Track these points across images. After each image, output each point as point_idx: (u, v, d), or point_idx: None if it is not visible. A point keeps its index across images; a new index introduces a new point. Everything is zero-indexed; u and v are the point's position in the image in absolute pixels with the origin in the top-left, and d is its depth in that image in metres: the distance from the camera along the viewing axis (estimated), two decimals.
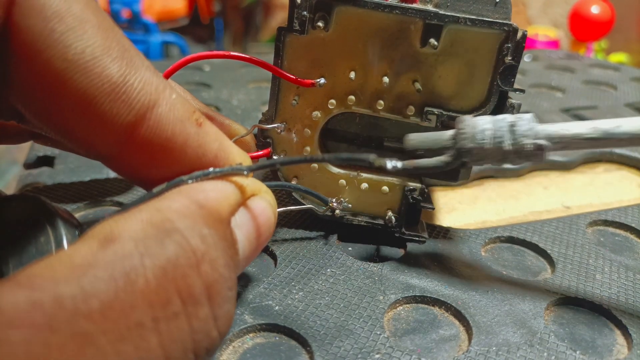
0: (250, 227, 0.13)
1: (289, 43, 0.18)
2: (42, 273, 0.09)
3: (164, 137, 0.13)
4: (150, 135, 0.13)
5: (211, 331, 0.11)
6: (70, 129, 0.13)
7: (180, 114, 0.13)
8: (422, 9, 0.17)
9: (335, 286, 0.18)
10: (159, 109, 0.13)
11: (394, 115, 0.19)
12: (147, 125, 0.13)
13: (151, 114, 0.13)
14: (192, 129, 0.13)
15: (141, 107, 0.13)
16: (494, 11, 0.17)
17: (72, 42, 0.12)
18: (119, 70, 0.12)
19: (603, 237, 0.23)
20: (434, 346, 0.16)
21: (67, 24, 0.12)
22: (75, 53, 0.12)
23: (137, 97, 0.13)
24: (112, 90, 0.12)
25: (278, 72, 0.18)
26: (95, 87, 0.12)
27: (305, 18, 0.17)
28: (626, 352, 0.16)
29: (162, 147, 0.13)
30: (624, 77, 0.46)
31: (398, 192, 0.20)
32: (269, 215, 0.14)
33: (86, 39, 0.12)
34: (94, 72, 0.12)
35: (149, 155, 0.13)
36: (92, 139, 0.13)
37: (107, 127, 0.12)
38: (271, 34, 1.74)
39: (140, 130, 0.13)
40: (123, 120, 0.12)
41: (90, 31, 0.12)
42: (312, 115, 0.19)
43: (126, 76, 0.12)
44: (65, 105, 0.12)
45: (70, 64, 0.12)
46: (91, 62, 0.12)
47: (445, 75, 0.18)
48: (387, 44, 0.18)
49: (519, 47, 0.17)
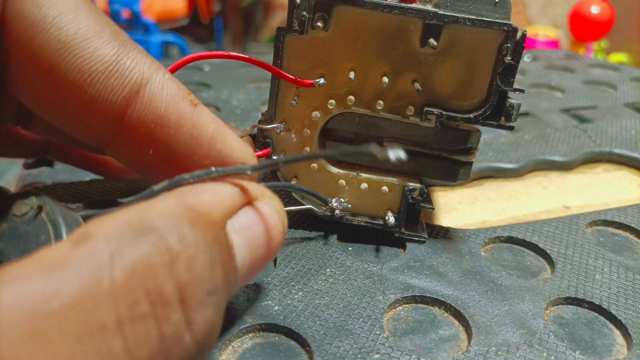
0: (252, 233, 0.12)
1: (288, 43, 0.18)
2: (10, 271, 0.09)
3: (157, 114, 0.13)
4: (143, 112, 0.13)
5: (183, 336, 0.10)
6: (67, 112, 0.13)
7: (173, 92, 0.13)
8: (421, 9, 0.17)
9: (334, 286, 0.18)
10: (151, 86, 0.13)
11: (394, 115, 0.19)
12: (140, 102, 0.13)
13: (144, 91, 0.13)
14: (186, 107, 0.13)
15: (134, 84, 0.13)
16: (493, 11, 0.17)
17: (64, 24, 0.12)
18: (111, 50, 0.13)
19: (603, 237, 0.23)
20: (434, 346, 0.16)
21: (59, 9, 0.12)
22: (68, 35, 0.12)
23: (129, 75, 0.13)
24: (105, 69, 0.12)
25: (277, 72, 0.18)
26: (89, 67, 0.12)
27: (304, 18, 0.17)
28: (626, 352, 0.16)
29: (156, 124, 0.13)
30: (624, 77, 0.46)
31: (398, 192, 0.20)
32: (274, 221, 0.13)
33: (78, 22, 0.12)
34: (87, 52, 0.12)
35: (145, 135, 0.13)
36: (88, 120, 0.13)
37: (102, 106, 0.13)
38: (271, 34, 1.74)
39: (134, 107, 0.13)
40: (117, 98, 0.13)
41: (82, 15, 0.12)
42: (311, 116, 0.19)
43: (119, 55, 0.13)
44: (62, 86, 0.13)
45: (64, 44, 0.12)
46: (84, 43, 0.12)
47: (445, 75, 0.18)
48: (386, 44, 0.18)
49: (519, 47, 0.17)
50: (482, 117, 0.18)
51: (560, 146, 0.30)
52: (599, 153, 0.30)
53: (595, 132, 0.33)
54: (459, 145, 0.20)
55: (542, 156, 0.29)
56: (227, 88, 0.38)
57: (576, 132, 0.32)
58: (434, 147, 0.20)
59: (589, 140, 0.31)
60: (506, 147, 0.30)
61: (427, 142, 0.20)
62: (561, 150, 0.30)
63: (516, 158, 0.28)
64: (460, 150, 0.20)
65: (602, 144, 0.31)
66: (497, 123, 0.18)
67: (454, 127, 0.19)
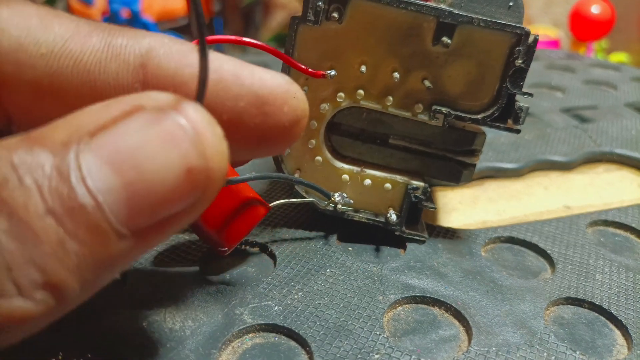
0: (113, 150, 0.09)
1: (301, 33, 0.18)
2: None
3: (172, 75, 0.12)
4: (158, 80, 0.12)
5: None
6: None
7: (177, 48, 0.13)
8: (436, 7, 0.17)
9: (334, 286, 0.18)
10: (154, 51, 0.12)
11: (402, 112, 0.19)
12: (150, 73, 0.12)
13: (149, 60, 0.12)
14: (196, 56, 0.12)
15: (135, 57, 0.12)
16: (506, 14, 0.17)
17: (39, 37, 0.12)
18: (97, 39, 0.12)
19: (603, 237, 0.23)
20: (434, 346, 0.16)
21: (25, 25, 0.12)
22: (47, 44, 0.12)
23: (126, 51, 0.12)
24: (100, 58, 0.12)
25: (289, 62, 0.18)
26: (83, 63, 0.12)
27: (320, 9, 0.17)
28: (626, 352, 0.16)
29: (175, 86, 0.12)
30: (625, 76, 0.46)
31: (401, 190, 0.20)
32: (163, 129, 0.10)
33: (50, 30, 0.12)
34: (74, 51, 0.12)
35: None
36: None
37: (116, 95, 0.12)
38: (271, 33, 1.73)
39: (147, 82, 0.12)
40: (126, 79, 0.12)
41: (52, 22, 0.12)
42: (319, 108, 0.19)
43: (107, 39, 0.12)
44: (71, 96, 0.12)
45: (48, 55, 0.12)
46: (65, 45, 0.12)
47: (455, 74, 0.18)
48: (399, 40, 0.18)
49: (530, 51, 0.17)
50: (490, 119, 0.18)
51: (560, 146, 0.30)
52: (600, 153, 0.30)
53: (596, 132, 0.33)
54: (464, 146, 0.20)
55: (543, 156, 0.29)
56: None
57: (577, 132, 0.32)
58: (439, 147, 0.20)
59: (589, 140, 0.31)
60: (507, 147, 0.30)
61: (432, 141, 0.20)
62: (562, 150, 0.30)
63: (517, 158, 0.28)
64: (465, 152, 0.20)
65: (602, 144, 0.31)
66: (504, 125, 0.18)
67: (460, 128, 0.19)
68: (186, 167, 0.10)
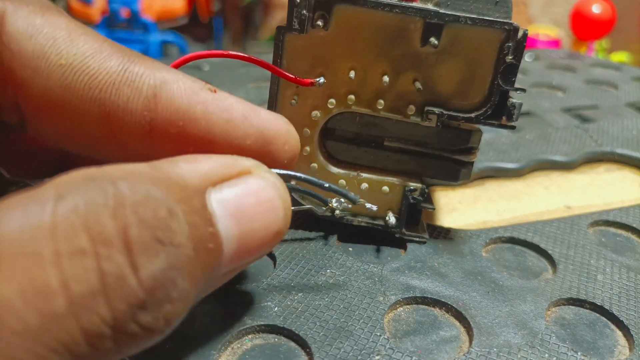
0: (239, 205, 0.12)
1: (288, 42, 0.18)
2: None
3: (182, 110, 0.13)
4: (168, 113, 0.13)
5: (127, 278, 0.09)
6: (92, 136, 0.13)
7: (189, 85, 0.13)
8: (422, 8, 0.17)
9: (335, 287, 0.18)
10: (167, 85, 0.13)
11: (395, 115, 0.19)
12: (161, 105, 0.13)
13: (161, 92, 0.13)
14: (207, 96, 0.13)
15: (148, 88, 0.13)
16: (494, 10, 0.17)
17: (62, 48, 0.12)
18: (116, 61, 0.13)
19: (604, 238, 0.22)
20: (435, 347, 0.16)
21: (52, 35, 0.12)
22: (68, 57, 0.12)
23: (141, 80, 0.13)
24: (115, 80, 0.12)
25: (277, 72, 0.18)
26: (97, 81, 0.12)
27: (304, 17, 0.17)
28: (627, 353, 0.16)
29: (184, 121, 0.13)
30: (626, 76, 0.46)
31: (398, 192, 0.20)
32: (268, 196, 0.12)
33: (75, 44, 0.12)
34: (92, 68, 0.12)
35: (177, 136, 0.13)
36: (116, 140, 0.13)
37: (125, 120, 0.13)
38: (271, 32, 1.73)
39: (157, 112, 0.13)
40: (136, 106, 0.13)
41: (78, 38, 0.13)
42: (311, 115, 0.19)
43: (125, 65, 0.13)
44: (80, 111, 0.13)
45: (66, 67, 0.12)
46: (85, 60, 0.12)
47: (446, 74, 0.18)
48: (387, 43, 0.18)
49: (520, 47, 0.17)
50: (484, 117, 0.18)
51: (561, 146, 0.30)
52: (601, 153, 0.30)
53: (597, 131, 0.32)
54: (460, 145, 0.20)
55: (544, 156, 0.29)
56: (227, 87, 0.38)
57: (577, 132, 0.32)
58: (435, 147, 0.20)
59: (590, 140, 0.31)
60: (507, 147, 0.30)
61: (427, 141, 0.20)
62: (563, 150, 0.30)
63: (517, 158, 0.28)
64: (462, 150, 0.20)
65: (603, 144, 0.31)
66: (499, 122, 0.18)
67: (455, 127, 0.19)
68: (277, 229, 0.13)
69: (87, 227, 0.09)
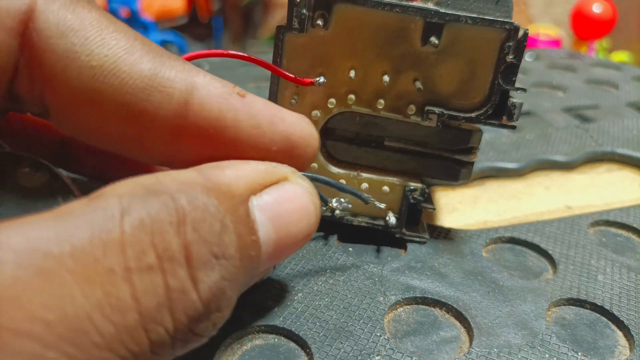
0: (277, 212, 0.12)
1: (288, 42, 0.18)
2: (23, 219, 0.09)
3: (214, 117, 0.13)
4: (198, 120, 0.13)
5: (189, 293, 0.10)
6: (119, 138, 0.13)
7: (220, 90, 0.13)
8: (422, 7, 0.17)
9: (335, 287, 0.18)
10: (198, 91, 0.13)
11: (395, 115, 0.19)
12: (192, 111, 0.13)
13: (192, 98, 0.13)
14: (237, 102, 0.13)
15: (180, 94, 0.13)
16: (495, 9, 0.17)
17: (93, 48, 0.12)
18: (147, 64, 0.12)
19: (605, 238, 0.22)
20: (435, 348, 0.16)
21: (84, 34, 0.12)
22: (99, 58, 0.12)
23: (172, 85, 0.12)
24: (146, 85, 0.12)
25: (277, 71, 0.18)
26: (129, 86, 0.12)
27: (304, 16, 0.17)
28: (628, 353, 0.16)
29: (215, 128, 0.13)
30: (626, 76, 0.46)
31: (398, 192, 0.20)
32: (303, 202, 0.13)
33: (106, 43, 0.12)
34: (123, 71, 0.12)
35: (206, 143, 0.13)
36: (144, 142, 0.13)
37: (154, 124, 0.13)
38: (270, 32, 1.73)
39: (188, 118, 0.13)
40: (167, 112, 0.12)
41: (109, 36, 0.12)
42: (311, 115, 0.19)
43: (156, 68, 0.12)
44: (107, 111, 0.12)
45: (97, 69, 0.12)
46: (116, 63, 0.12)
47: (446, 74, 0.18)
48: (387, 42, 0.18)
49: (520, 46, 0.17)
50: (484, 117, 0.18)
51: (562, 146, 0.30)
52: (601, 153, 0.30)
53: (597, 131, 0.32)
54: (460, 144, 0.20)
55: (544, 156, 0.29)
56: None
57: (578, 132, 0.32)
58: (435, 147, 0.20)
59: (590, 140, 0.31)
60: (508, 147, 0.30)
61: (428, 141, 0.20)
62: (563, 150, 0.30)
63: (518, 158, 0.28)
64: (462, 150, 0.20)
65: (604, 144, 0.31)
66: (499, 122, 0.18)
67: (455, 127, 0.19)
68: (308, 233, 0.13)
69: (154, 244, 0.10)
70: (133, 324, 0.09)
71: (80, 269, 0.09)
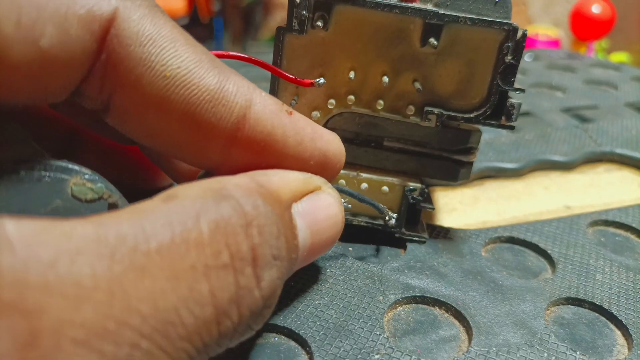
0: (313, 218, 0.14)
1: (288, 43, 0.18)
2: (107, 215, 0.10)
3: (266, 132, 0.14)
4: (252, 133, 0.14)
5: (254, 290, 0.11)
6: (178, 143, 0.14)
7: (273, 108, 0.14)
8: (421, 9, 0.17)
9: (334, 286, 0.18)
10: (255, 107, 0.14)
11: (394, 115, 0.19)
12: (248, 125, 0.14)
13: (249, 113, 0.14)
14: (286, 119, 0.14)
15: (240, 108, 0.13)
16: (493, 10, 0.17)
17: (167, 60, 0.13)
18: (213, 78, 0.13)
19: (604, 237, 0.23)
20: (434, 347, 0.16)
21: (160, 45, 0.13)
22: (172, 69, 0.13)
23: (234, 99, 0.13)
24: (211, 98, 0.13)
25: (276, 72, 0.18)
26: (196, 97, 0.13)
27: (304, 18, 0.17)
28: (626, 352, 0.16)
29: (266, 142, 0.14)
30: (625, 76, 0.46)
31: (398, 192, 0.20)
32: (335, 211, 0.14)
33: (179, 55, 0.13)
34: (192, 84, 0.13)
35: (255, 154, 0.14)
36: (200, 148, 0.14)
37: (213, 134, 0.13)
38: (271, 33, 1.73)
39: (243, 131, 0.14)
40: (226, 124, 0.13)
41: (182, 48, 0.13)
42: (311, 115, 0.19)
43: (221, 82, 0.13)
44: (172, 119, 0.13)
45: (170, 79, 0.13)
46: (187, 75, 0.13)
47: (445, 74, 0.18)
48: (386, 43, 0.18)
49: (519, 47, 0.17)
50: (483, 117, 0.18)
51: (561, 146, 0.30)
52: (600, 153, 0.30)
53: (597, 131, 0.33)
54: (459, 145, 0.20)
55: (543, 156, 0.29)
56: None
57: (577, 132, 0.32)
58: (435, 147, 0.20)
59: (590, 140, 0.31)
60: (507, 147, 0.30)
61: (427, 141, 0.20)
62: (562, 150, 0.30)
63: (517, 158, 0.28)
64: (461, 150, 0.20)
65: (603, 144, 0.31)
66: (498, 123, 0.18)
67: (454, 127, 0.19)
68: (335, 239, 0.15)
69: (227, 245, 0.11)
70: (210, 317, 0.10)
71: (167, 265, 0.10)
